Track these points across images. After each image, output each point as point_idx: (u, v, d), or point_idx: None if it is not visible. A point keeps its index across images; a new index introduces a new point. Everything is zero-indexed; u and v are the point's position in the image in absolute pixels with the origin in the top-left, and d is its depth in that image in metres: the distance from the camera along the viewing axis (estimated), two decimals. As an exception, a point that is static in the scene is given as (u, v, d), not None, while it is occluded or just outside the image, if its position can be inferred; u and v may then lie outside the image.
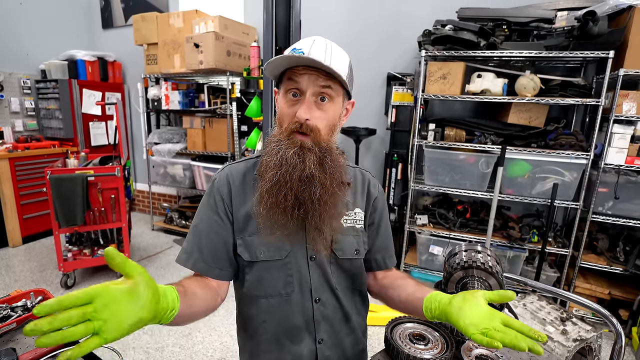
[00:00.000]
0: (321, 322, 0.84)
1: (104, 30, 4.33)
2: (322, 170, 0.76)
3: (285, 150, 0.75)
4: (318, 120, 0.75)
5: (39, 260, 3.10)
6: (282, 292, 0.82)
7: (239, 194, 0.84)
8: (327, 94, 0.75)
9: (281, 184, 0.74)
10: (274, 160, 0.76)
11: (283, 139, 0.77)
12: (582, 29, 2.06)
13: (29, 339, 0.86)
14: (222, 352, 2.06)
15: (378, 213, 0.93)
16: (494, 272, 0.77)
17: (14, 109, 3.66)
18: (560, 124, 2.41)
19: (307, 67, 0.73)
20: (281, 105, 0.79)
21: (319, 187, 0.75)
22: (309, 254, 0.83)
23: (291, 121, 0.76)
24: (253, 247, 0.81)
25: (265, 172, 0.77)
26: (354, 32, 3.14)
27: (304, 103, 0.74)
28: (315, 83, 0.74)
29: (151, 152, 3.68)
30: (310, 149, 0.75)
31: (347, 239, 0.85)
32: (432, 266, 2.74)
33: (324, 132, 0.77)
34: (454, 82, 2.41)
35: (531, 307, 1.37)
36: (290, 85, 0.75)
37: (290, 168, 0.74)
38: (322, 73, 0.74)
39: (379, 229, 0.93)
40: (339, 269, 0.86)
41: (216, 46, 2.96)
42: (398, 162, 2.88)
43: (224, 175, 0.85)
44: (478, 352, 0.73)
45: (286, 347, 0.84)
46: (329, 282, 0.85)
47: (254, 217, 0.81)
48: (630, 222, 2.23)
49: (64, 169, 2.50)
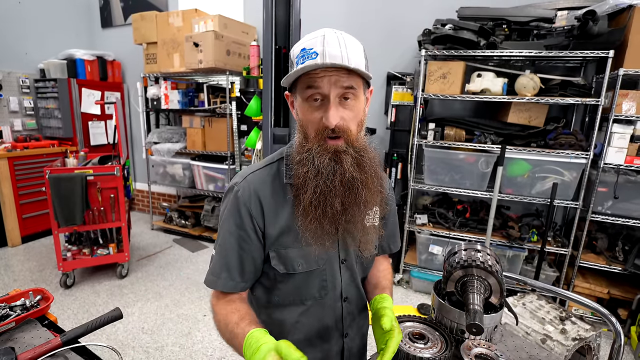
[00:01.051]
0: (347, 318, 0.88)
1: (103, 29, 4.32)
2: (362, 171, 0.74)
3: (320, 158, 0.72)
4: (347, 120, 0.72)
5: (38, 259, 3.10)
6: (316, 295, 0.83)
7: (271, 209, 0.79)
8: (350, 93, 0.71)
9: (325, 193, 0.72)
10: (311, 169, 0.72)
11: (314, 147, 0.73)
12: (582, 29, 2.06)
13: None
14: (222, 351, 2.06)
15: (389, 206, 0.94)
16: (494, 271, 0.77)
17: (12, 108, 3.65)
18: (560, 123, 2.42)
19: (325, 69, 0.69)
20: (303, 111, 0.74)
21: (363, 190, 0.73)
22: (341, 257, 0.84)
23: (319, 128, 0.72)
24: (290, 260, 0.79)
25: (305, 184, 0.73)
26: (353, 31, 3.10)
27: (330, 108, 0.70)
28: (337, 84, 0.69)
29: (150, 151, 3.68)
30: (345, 151, 0.72)
31: (370, 237, 0.85)
32: (431, 265, 2.74)
33: (354, 131, 0.74)
34: (453, 82, 2.41)
35: (530, 306, 1.37)
36: (310, 91, 0.70)
37: (331, 175, 0.71)
38: (342, 72, 0.69)
39: (388, 220, 0.96)
40: (360, 265, 0.89)
41: (216, 45, 2.96)
42: (398, 161, 2.88)
43: (250, 188, 0.79)
44: (477, 350, 0.73)
45: (318, 346, 0.86)
46: (355, 281, 0.88)
47: (291, 230, 0.79)
48: (629, 222, 2.23)
49: (63, 169, 2.50)
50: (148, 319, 2.32)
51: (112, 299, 2.54)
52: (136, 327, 2.24)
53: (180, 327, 2.26)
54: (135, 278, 2.85)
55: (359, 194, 0.73)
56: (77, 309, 2.40)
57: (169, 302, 2.53)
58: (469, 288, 0.77)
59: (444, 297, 0.84)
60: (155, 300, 2.54)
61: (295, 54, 0.73)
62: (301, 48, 0.71)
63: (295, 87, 0.75)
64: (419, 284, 2.76)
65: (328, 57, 0.67)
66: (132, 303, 2.50)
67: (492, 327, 0.79)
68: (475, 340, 0.76)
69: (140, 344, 2.09)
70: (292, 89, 0.77)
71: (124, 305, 2.47)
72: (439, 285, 0.88)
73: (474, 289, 0.76)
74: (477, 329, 0.68)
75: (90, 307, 2.42)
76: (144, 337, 2.15)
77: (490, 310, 0.79)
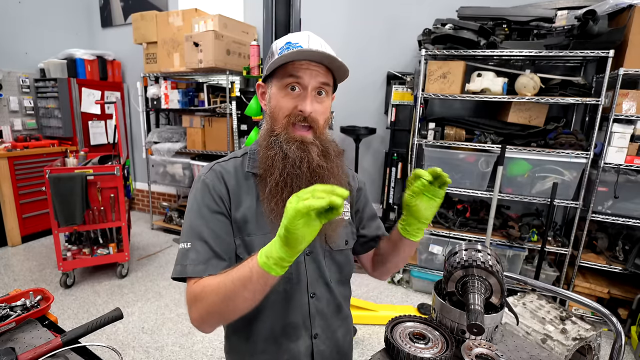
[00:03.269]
0: (316, 317, 0.85)
1: (103, 29, 4.32)
2: (328, 160, 0.77)
3: (287, 144, 0.75)
4: (318, 113, 0.77)
5: (38, 259, 3.10)
6: (280, 289, 0.81)
7: (236, 194, 0.81)
8: (324, 89, 0.77)
9: (292, 176, 0.74)
10: (278, 153, 0.75)
11: (281, 132, 0.76)
12: (582, 28, 2.06)
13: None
14: (221, 351, 2.06)
15: (362, 200, 0.98)
16: (494, 271, 0.77)
17: (12, 107, 3.65)
18: (560, 123, 2.41)
19: (310, 61, 0.74)
20: (277, 98, 0.77)
21: (330, 177, 0.76)
22: (306, 249, 0.82)
23: (291, 113, 0.75)
24: (253, 248, 0.79)
25: (272, 166, 0.75)
26: (354, 30, 3.14)
27: (307, 97, 0.75)
28: (316, 78, 0.75)
29: (150, 151, 3.67)
30: (312, 142, 0.76)
31: (338, 230, 0.86)
32: (431, 265, 2.75)
33: (322, 124, 0.78)
34: (454, 81, 2.41)
35: (531, 306, 1.37)
36: (291, 79, 0.75)
37: (298, 161, 0.74)
38: (322, 69, 0.75)
39: (367, 214, 0.98)
40: (331, 261, 0.87)
41: (216, 45, 2.96)
42: (398, 161, 2.88)
43: (216, 175, 0.81)
44: (478, 351, 0.73)
45: (284, 346, 0.83)
46: (323, 276, 0.85)
47: (254, 217, 0.79)
48: (629, 221, 2.23)
49: (63, 168, 2.49)
50: (148, 319, 2.32)
51: (112, 299, 2.54)
52: (136, 327, 2.24)
53: (180, 326, 2.26)
54: (135, 278, 2.85)
55: (325, 181, 0.75)
56: (77, 309, 2.40)
57: (169, 302, 2.53)
58: (470, 288, 0.77)
59: (445, 297, 0.84)
60: (155, 300, 2.54)
61: (278, 46, 0.77)
62: (286, 41, 0.77)
63: (271, 77, 0.79)
64: (419, 283, 2.76)
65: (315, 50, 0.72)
66: (132, 303, 2.50)
67: (492, 327, 0.79)
68: (476, 340, 0.76)
69: (140, 344, 2.09)
70: (267, 79, 0.81)
71: (124, 305, 2.47)
72: (439, 285, 0.88)
73: (474, 288, 0.76)
74: (477, 329, 0.68)
75: (90, 307, 2.42)
76: (144, 337, 2.15)
77: (490, 310, 0.79)
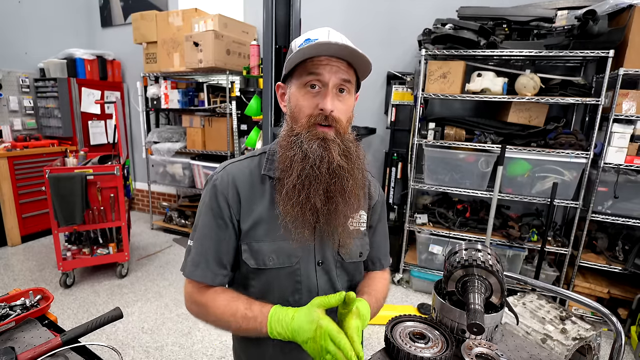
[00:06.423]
0: None
1: (103, 28, 4.32)
2: (349, 161, 0.74)
3: (309, 143, 0.71)
4: (340, 112, 0.73)
5: (38, 259, 3.10)
6: (289, 299, 0.79)
7: (248, 200, 0.78)
8: (346, 87, 0.74)
9: (311, 178, 0.71)
10: (297, 153, 0.72)
11: (302, 131, 0.73)
12: (582, 28, 2.06)
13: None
14: (221, 350, 2.06)
15: (377, 215, 0.92)
16: (494, 271, 0.77)
17: (12, 107, 3.65)
18: (560, 123, 2.41)
19: (330, 57, 0.71)
20: (297, 97, 0.74)
21: (349, 179, 0.73)
22: (317, 259, 0.81)
23: (313, 113, 0.72)
24: (261, 254, 0.77)
25: (290, 167, 0.72)
26: (354, 30, 3.13)
27: (327, 95, 0.71)
28: (337, 75, 0.71)
29: (150, 151, 3.67)
30: (333, 140, 0.72)
31: (353, 241, 0.83)
32: (431, 265, 2.75)
33: (344, 123, 0.75)
34: (454, 81, 2.41)
35: (530, 306, 1.37)
36: (310, 77, 0.72)
37: (317, 161, 0.70)
38: (343, 65, 0.72)
39: (376, 231, 0.93)
40: (343, 271, 0.85)
41: (216, 45, 2.96)
42: (398, 161, 2.87)
43: (229, 178, 0.79)
44: (478, 350, 0.73)
45: (293, 353, 0.82)
46: (334, 287, 0.83)
47: (265, 222, 0.77)
48: (629, 221, 2.23)
49: (63, 168, 2.49)
50: (148, 319, 2.32)
51: (112, 299, 2.54)
52: (136, 326, 2.24)
53: (180, 326, 2.26)
54: (135, 278, 2.85)
55: (345, 183, 0.73)
56: (77, 309, 2.40)
57: (168, 302, 2.52)
58: (470, 287, 0.77)
59: (445, 297, 0.84)
60: (155, 300, 2.54)
61: (297, 43, 0.75)
62: (305, 38, 0.74)
63: (291, 76, 0.76)
64: (419, 283, 2.76)
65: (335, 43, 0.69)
66: (132, 303, 2.50)
67: (492, 327, 0.79)
68: (476, 340, 0.76)
69: (140, 344, 2.09)
70: (287, 79, 0.78)
71: (123, 304, 2.47)
72: (439, 285, 0.88)
73: (474, 288, 0.76)
74: (478, 329, 0.67)
75: (90, 307, 2.42)
76: (144, 337, 2.15)
77: (490, 310, 0.79)
